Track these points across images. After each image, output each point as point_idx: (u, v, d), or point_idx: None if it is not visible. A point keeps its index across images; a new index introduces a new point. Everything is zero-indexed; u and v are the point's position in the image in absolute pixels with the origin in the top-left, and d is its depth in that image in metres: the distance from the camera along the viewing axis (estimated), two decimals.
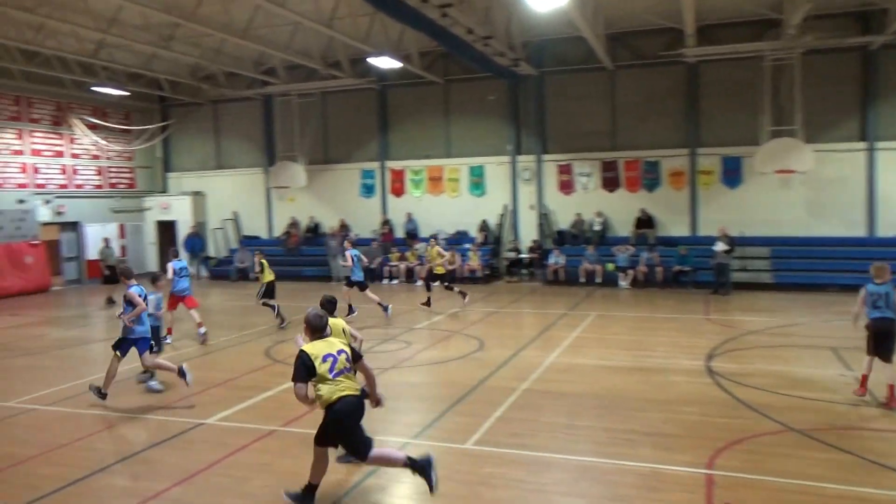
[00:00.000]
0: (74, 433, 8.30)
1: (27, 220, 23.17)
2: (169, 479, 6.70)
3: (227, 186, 27.33)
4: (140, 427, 8.43)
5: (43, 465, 7.23)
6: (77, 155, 25.27)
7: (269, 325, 15.32)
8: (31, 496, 6.43)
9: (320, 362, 5.83)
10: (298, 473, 6.74)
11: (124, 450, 7.66)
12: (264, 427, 8.14)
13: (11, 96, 22.94)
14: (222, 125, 27.49)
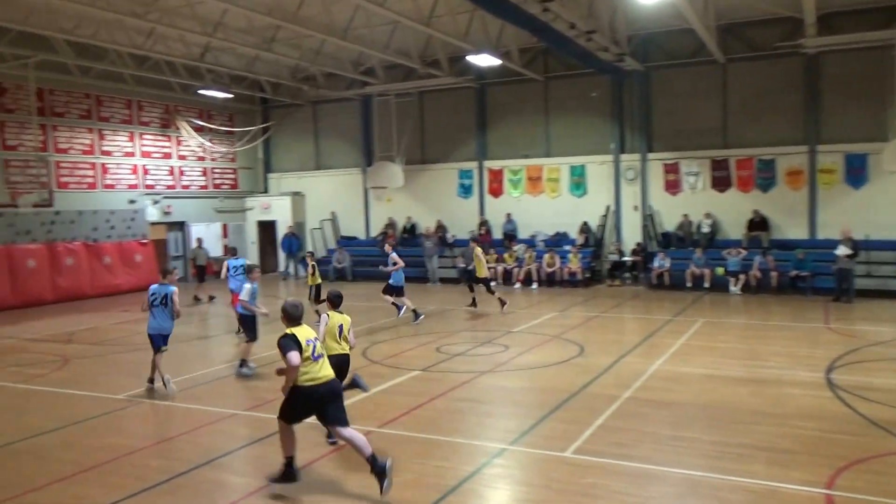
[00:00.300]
0: (180, 427, 8.74)
1: (137, 219, 24.60)
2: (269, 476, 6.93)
3: (326, 187, 28.10)
4: (241, 423, 8.78)
5: (150, 457, 7.65)
6: (183, 156, 26.63)
7: (367, 326, 15.63)
8: (138, 486, 6.81)
9: (306, 345, 6.50)
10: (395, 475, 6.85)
11: (227, 445, 8.00)
12: (361, 427, 8.25)
13: (123, 100, 24.42)
14: (321, 126, 28.29)
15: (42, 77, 21.10)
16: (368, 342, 13.64)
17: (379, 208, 26.85)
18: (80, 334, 15.68)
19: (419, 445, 7.71)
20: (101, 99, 23.68)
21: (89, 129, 23.36)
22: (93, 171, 23.42)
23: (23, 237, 21.14)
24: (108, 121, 23.93)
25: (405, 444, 7.73)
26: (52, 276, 21.14)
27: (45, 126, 21.96)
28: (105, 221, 23.53)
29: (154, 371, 10.45)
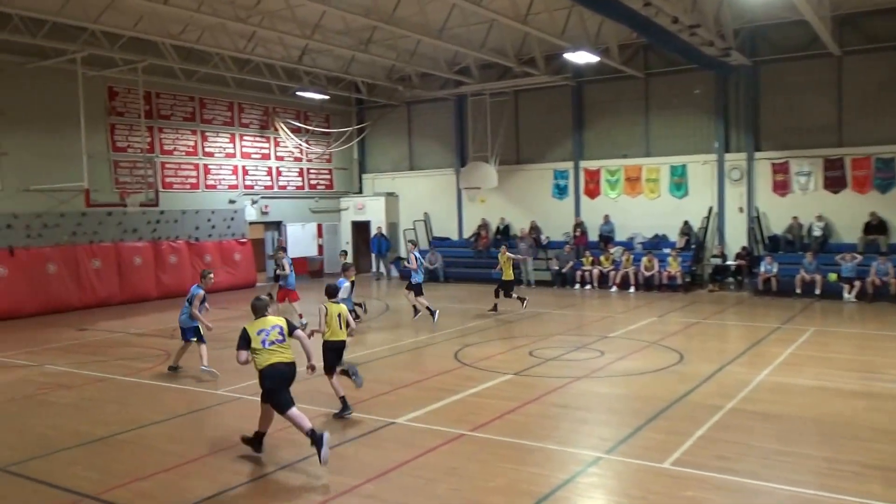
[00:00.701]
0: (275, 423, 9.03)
1: (236, 219, 25.61)
2: (361, 476, 7.09)
3: (420, 187, 28.44)
4: (335, 423, 9.00)
5: (250, 452, 7.94)
6: (281, 157, 27.53)
7: (458, 329, 15.74)
8: (235, 481, 7.09)
9: (255, 336, 7.76)
10: (487, 479, 6.88)
11: None
12: (453, 430, 8.37)
13: (225, 103, 25.49)
14: (415, 126, 28.66)
15: (150, 81, 22.26)
16: (459, 344, 13.72)
17: (472, 209, 26.97)
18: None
19: (511, 451, 7.71)
20: (204, 101, 24.79)
21: (193, 130, 24.49)
22: (195, 171, 24.54)
23: (130, 235, 22.38)
24: (210, 123, 25.03)
25: (497, 449, 7.75)
26: (156, 273, 22.30)
27: (152, 128, 23.18)
28: (206, 221, 24.61)
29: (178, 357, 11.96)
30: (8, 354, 14.04)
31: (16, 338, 15.98)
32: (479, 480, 6.89)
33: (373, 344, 13.77)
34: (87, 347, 14.70)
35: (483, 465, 7.25)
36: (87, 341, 15.47)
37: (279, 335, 7.85)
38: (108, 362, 13.00)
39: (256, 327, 7.84)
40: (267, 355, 7.70)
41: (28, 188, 19.99)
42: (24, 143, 20.07)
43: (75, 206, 20.78)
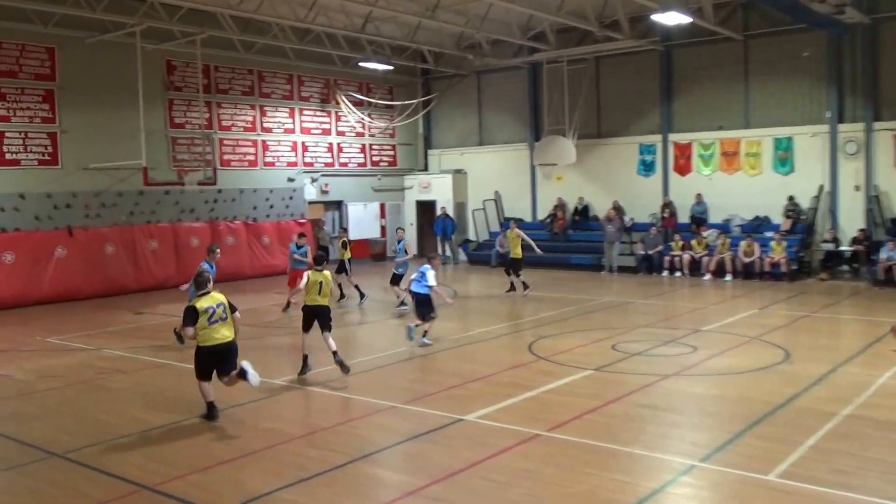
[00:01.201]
0: (337, 417, 9.05)
1: (295, 198, 25.93)
2: (428, 476, 6.99)
3: (490, 164, 28.24)
4: (400, 417, 8.95)
5: (307, 447, 7.96)
6: (342, 132, 27.70)
7: (532, 318, 15.54)
8: (298, 476, 7.09)
9: (202, 313, 8.74)
10: (565, 485, 6.69)
11: (385, 439, 8.17)
12: (527, 430, 8.20)
13: (285, 75, 25.74)
14: (485, 97, 28.42)
15: (208, 54, 22.63)
16: (534, 336, 13.54)
17: (547, 188, 26.61)
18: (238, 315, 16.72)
19: (593, 455, 7.49)
20: (263, 75, 25.10)
21: (251, 105, 24.85)
22: (254, 148, 24.92)
23: (187, 215, 22.91)
24: (269, 97, 25.34)
25: (577, 452, 7.54)
26: None
27: (210, 103, 23.60)
28: (264, 200, 24.99)
29: None
30: (66, 337, 14.56)
31: (74, 320, 16.55)
32: (556, 486, 6.71)
33: (439, 333, 13.70)
34: (144, 331, 15.11)
35: (560, 470, 7.06)
36: (144, 325, 15.89)
37: (223, 312, 8.93)
38: (166, 347, 13.32)
39: (204, 304, 8.84)
40: (211, 332, 8.82)
41: (87, 166, 20.71)
42: (84, 120, 20.77)
43: (133, 185, 21.42)
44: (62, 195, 20.41)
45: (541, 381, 10.27)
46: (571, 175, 25.82)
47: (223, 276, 22.45)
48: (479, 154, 28.61)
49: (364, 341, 14.28)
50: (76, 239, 19.84)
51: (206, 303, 8.85)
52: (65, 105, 20.47)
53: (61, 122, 20.41)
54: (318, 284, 10.80)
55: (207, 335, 8.78)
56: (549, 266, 24.24)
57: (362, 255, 27.44)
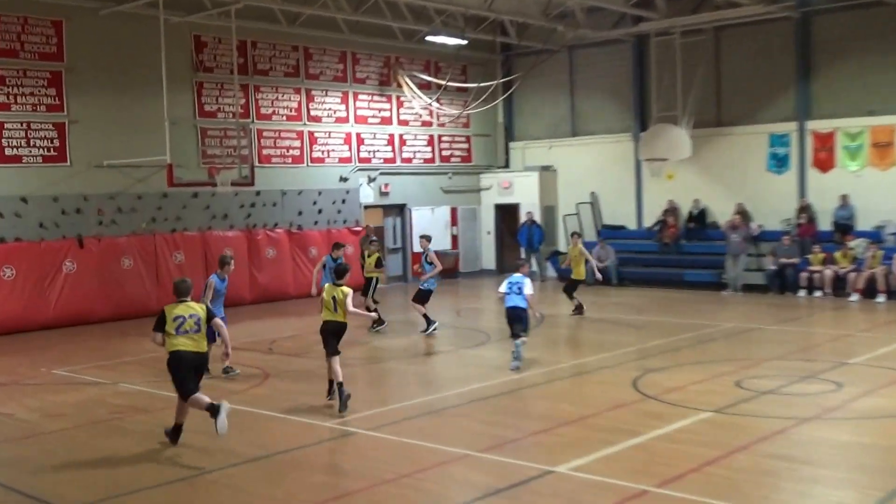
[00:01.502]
0: (400, 467, 9.18)
1: (349, 201, 26.33)
2: None
3: (585, 159, 28.21)
4: (475, 467, 9.04)
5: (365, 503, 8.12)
6: (405, 121, 28.06)
7: (636, 348, 15.51)
8: None
9: (171, 321, 9.98)
10: None
11: (458, 495, 8.27)
12: (632, 485, 8.20)
13: (337, 53, 26.20)
14: (580, 78, 28.42)
15: (244, 28, 23.15)
16: (639, 369, 13.48)
17: (656, 188, 26.44)
18: (281, 343, 17.13)
19: None
20: (310, 52, 25.64)
21: (296, 89, 25.36)
22: (299, 141, 25.41)
23: (219, 222, 23.48)
24: (317, 78, 25.84)
25: None
26: (250, 270, 23.27)
27: (247, 87, 24.15)
28: (312, 204, 25.47)
29: None
30: (76, 369, 15.07)
31: (85, 348, 17.12)
32: None
33: (526, 366, 13.74)
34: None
35: None
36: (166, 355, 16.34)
37: (195, 325, 10.04)
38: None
39: (175, 312, 10.06)
40: (176, 342, 9.99)
41: (101, 164, 21.30)
42: (96, 108, 21.39)
43: (155, 186, 22.00)
44: (71, 198, 20.98)
45: (648, 424, 10.24)
46: (685, 172, 25.60)
47: (262, 296, 23.04)
48: (571, 147, 28.60)
49: (427, 375, 14.43)
50: (88, 251, 20.44)
51: (179, 311, 10.07)
52: (74, 90, 21.04)
53: (70, 111, 21.01)
54: (331, 299, 11.65)
55: (172, 344, 10.04)
56: (658, 284, 24.03)
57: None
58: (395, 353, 15.95)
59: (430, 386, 13.35)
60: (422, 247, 18.55)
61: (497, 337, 17.15)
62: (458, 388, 12.68)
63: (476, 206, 29.74)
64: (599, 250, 25.38)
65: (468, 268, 29.18)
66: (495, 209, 29.53)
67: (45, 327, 19.48)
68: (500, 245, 29.50)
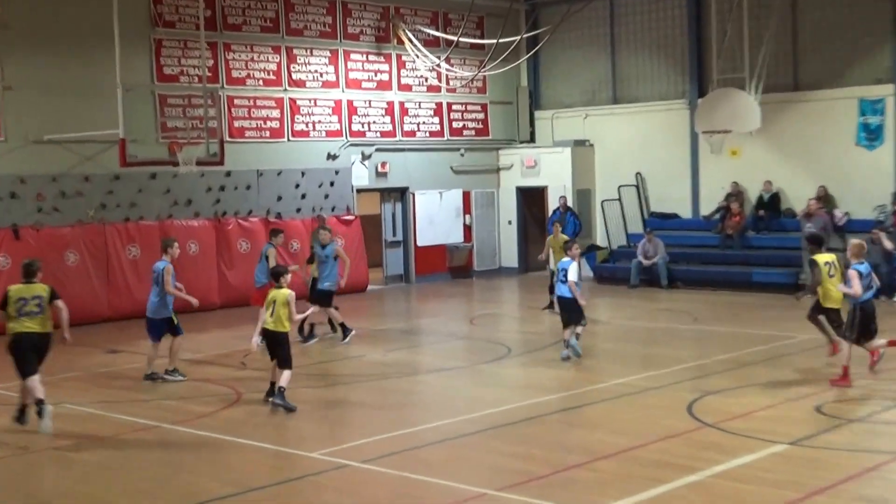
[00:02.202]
0: None
1: (338, 183, 26.36)
2: None
3: (628, 131, 28.19)
4: None
5: None
6: (407, 86, 28.07)
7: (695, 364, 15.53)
8: None
9: (13, 302, 12.01)
10: None
11: None
12: None
13: (324, 2, 26.24)
14: (622, 32, 28.38)
15: None
16: (695, 391, 13.46)
17: (716, 167, 26.44)
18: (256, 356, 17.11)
19: None
20: (291, 2, 25.65)
21: (274, 47, 25.38)
22: (278, 110, 25.45)
23: (182, 209, 23.55)
24: (300, 34, 25.86)
25: None
26: (219, 267, 23.34)
27: (216, 45, 24.15)
28: (293, 187, 25.51)
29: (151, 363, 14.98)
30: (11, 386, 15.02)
31: None
32: None
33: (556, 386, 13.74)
34: (121, 379, 15.64)
35: None
36: (120, 369, 16.42)
37: (36, 307, 12.04)
38: (152, 402, 13.77)
39: (18, 293, 12.09)
40: (17, 324, 12.01)
41: (40, 139, 21.39)
42: (35, 71, 21.38)
43: (106, 166, 22.06)
44: (5, 180, 21.05)
45: (708, 458, 10.21)
46: (753, 148, 25.58)
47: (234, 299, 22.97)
48: (611, 117, 28.59)
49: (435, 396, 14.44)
50: (24, 243, 20.54)
51: (21, 293, 12.12)
52: (8, 50, 21.01)
53: (4, 75, 21.01)
54: (271, 304, 12.87)
55: (12, 326, 12.04)
56: (718, 286, 23.97)
57: (437, 268, 27.72)
58: (395, 369, 15.95)
59: (438, 409, 13.33)
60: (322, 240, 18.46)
61: (519, 350, 17.20)
62: (473, 413, 12.66)
63: (494, 189, 29.78)
64: (646, 244, 25.38)
65: (484, 265, 29.20)
66: (518, 193, 29.58)
67: None
68: (524, 238, 29.49)
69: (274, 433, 11.90)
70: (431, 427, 12.02)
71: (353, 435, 11.46)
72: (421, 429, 12.03)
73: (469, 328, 19.77)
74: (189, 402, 13.67)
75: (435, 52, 27.73)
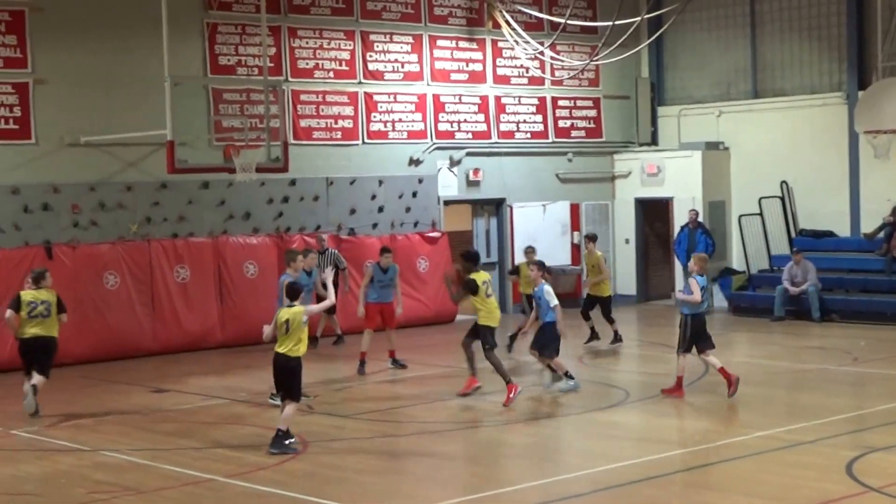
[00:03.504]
0: None
1: (422, 193, 26.51)
2: None
3: (772, 132, 27.98)
4: None
5: None
6: (504, 78, 28.14)
7: (860, 413, 15.43)
8: None
9: (25, 304, 15.51)
10: None
11: None
12: None
13: None
14: (765, 11, 28.22)
15: None
16: (857, 447, 13.30)
17: (881, 175, 26.18)
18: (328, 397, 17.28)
19: None
20: None
21: (347, 32, 25.62)
22: (352, 107, 25.66)
23: (238, 224, 23.80)
24: (378, 17, 26.08)
25: None
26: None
27: (279, 30, 24.50)
28: (369, 198, 25.72)
29: None
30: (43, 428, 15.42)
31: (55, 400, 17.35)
32: None
33: (683, 438, 13.65)
34: (167, 421, 15.84)
35: None
36: (167, 410, 16.67)
37: (45, 310, 15.70)
38: (204, 450, 13.90)
39: (29, 297, 15.69)
40: (28, 327, 15.64)
41: (76, 141, 21.75)
42: (72, 62, 21.84)
43: (151, 172, 22.42)
44: (36, 189, 21.45)
45: None
46: None
47: None
48: (751, 114, 28.44)
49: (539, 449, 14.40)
50: (58, 262, 20.77)
51: (32, 297, 15.79)
52: (42, 38, 21.51)
53: (35, 67, 21.52)
54: (284, 324, 13.48)
55: (24, 329, 15.69)
56: (883, 319, 23.64)
57: None
58: (489, 416, 16.00)
59: (540, 464, 13.29)
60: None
61: (638, 394, 17.11)
62: (584, 469, 12.63)
63: (608, 201, 29.77)
64: (793, 268, 25.10)
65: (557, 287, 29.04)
66: (637, 206, 29.54)
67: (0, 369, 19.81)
68: (644, 259, 29.38)
69: (342, 490, 11.91)
70: (533, 486, 11.97)
71: (436, 494, 11.47)
72: (520, 488, 11.98)
73: (578, 367, 19.70)
74: (247, 450, 13.78)
75: (538, 37, 27.77)
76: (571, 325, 19.69)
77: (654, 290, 29.08)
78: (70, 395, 17.98)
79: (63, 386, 18.74)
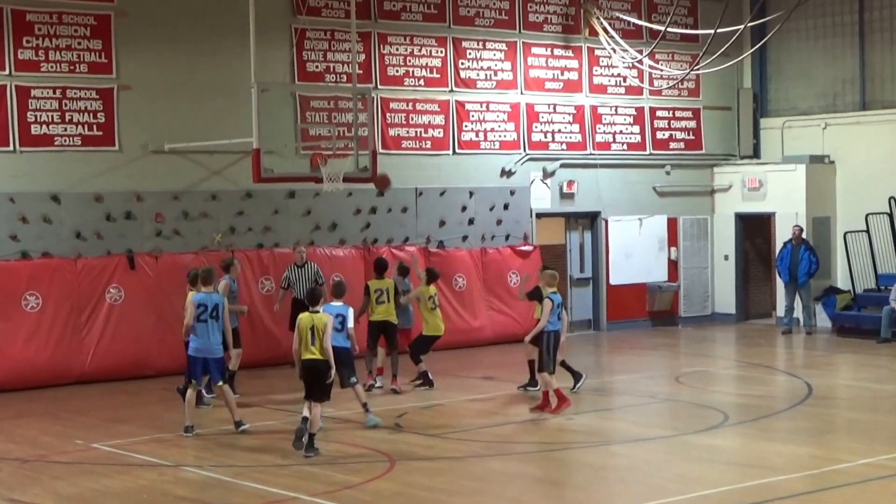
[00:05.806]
0: None
1: (514, 206, 26.51)
2: None
3: (881, 144, 27.67)
4: None
5: None
6: (601, 87, 28.11)
7: None
8: None
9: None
10: None
11: None
12: None
13: None
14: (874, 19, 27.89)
15: None
16: None
17: None
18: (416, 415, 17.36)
19: None
20: None
21: (439, 38, 25.73)
22: (442, 116, 25.77)
23: (325, 235, 23.98)
24: (471, 23, 26.14)
25: None
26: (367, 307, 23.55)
27: (369, 36, 24.63)
28: (459, 210, 25.79)
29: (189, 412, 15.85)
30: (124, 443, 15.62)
31: (137, 413, 17.69)
32: None
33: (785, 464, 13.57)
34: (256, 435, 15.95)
35: None
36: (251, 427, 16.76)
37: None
38: (289, 468, 13.98)
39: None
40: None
41: (160, 148, 22.05)
42: (157, 67, 22.14)
43: (236, 181, 22.66)
44: (120, 197, 21.74)
45: None
46: None
47: None
48: (859, 126, 28.10)
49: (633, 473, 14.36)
50: (141, 273, 21.20)
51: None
52: (127, 43, 21.79)
53: (120, 72, 21.82)
54: (309, 330, 14.24)
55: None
56: None
57: (634, 313, 27.61)
58: (582, 438, 15.99)
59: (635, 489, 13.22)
60: None
61: (738, 417, 16.96)
62: (681, 494, 12.55)
63: (707, 215, 29.58)
64: None
65: (693, 310, 28.95)
66: (737, 221, 29.29)
67: (82, 381, 20.12)
68: (744, 277, 29.14)
69: None
70: None
71: None
72: None
73: (675, 388, 19.60)
74: (333, 468, 13.87)
75: (636, 44, 27.73)
76: None
77: (753, 309, 28.80)
78: (152, 409, 18.21)
79: (146, 399, 19.02)
